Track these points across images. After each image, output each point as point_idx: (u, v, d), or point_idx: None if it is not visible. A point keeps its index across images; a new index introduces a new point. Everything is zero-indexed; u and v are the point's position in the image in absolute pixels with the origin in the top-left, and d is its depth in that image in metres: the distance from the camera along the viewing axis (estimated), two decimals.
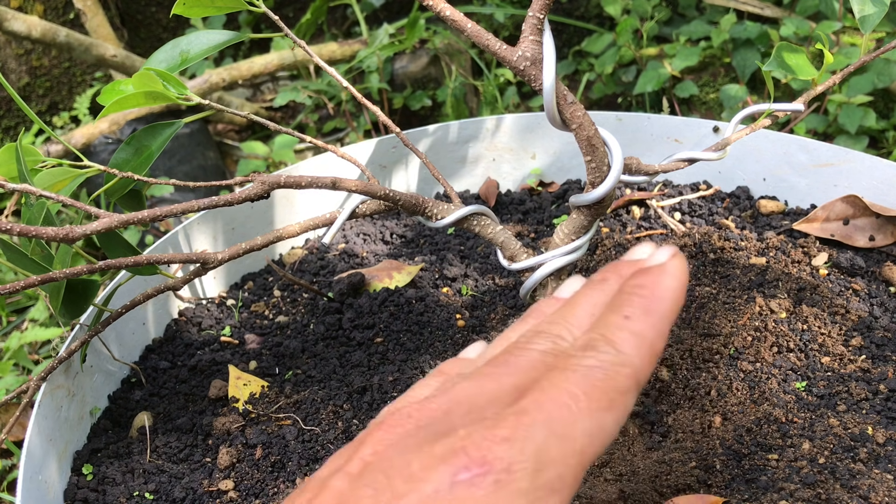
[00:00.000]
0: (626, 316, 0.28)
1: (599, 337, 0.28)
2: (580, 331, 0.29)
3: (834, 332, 0.66)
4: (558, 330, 0.30)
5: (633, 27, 1.53)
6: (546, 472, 0.24)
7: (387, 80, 1.66)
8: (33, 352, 1.21)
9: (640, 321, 0.28)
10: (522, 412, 0.25)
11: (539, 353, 0.29)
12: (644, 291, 0.29)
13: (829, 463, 0.53)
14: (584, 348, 0.27)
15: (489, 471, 0.24)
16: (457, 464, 0.24)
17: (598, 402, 0.26)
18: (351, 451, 0.27)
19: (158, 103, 0.59)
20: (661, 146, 0.93)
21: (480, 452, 0.24)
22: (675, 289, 0.29)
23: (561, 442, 0.25)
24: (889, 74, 1.25)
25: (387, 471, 0.25)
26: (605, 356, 0.27)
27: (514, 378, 0.28)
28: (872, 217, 0.77)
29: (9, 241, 0.58)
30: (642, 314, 0.28)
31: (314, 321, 0.77)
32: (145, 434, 0.65)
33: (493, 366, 0.29)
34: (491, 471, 0.24)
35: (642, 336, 0.27)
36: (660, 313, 0.28)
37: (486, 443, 0.25)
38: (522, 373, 0.28)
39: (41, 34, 1.54)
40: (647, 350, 0.27)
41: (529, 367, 0.28)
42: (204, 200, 0.50)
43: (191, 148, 1.63)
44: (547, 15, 0.45)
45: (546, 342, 0.29)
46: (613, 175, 0.49)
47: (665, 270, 0.29)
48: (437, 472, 0.24)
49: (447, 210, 0.55)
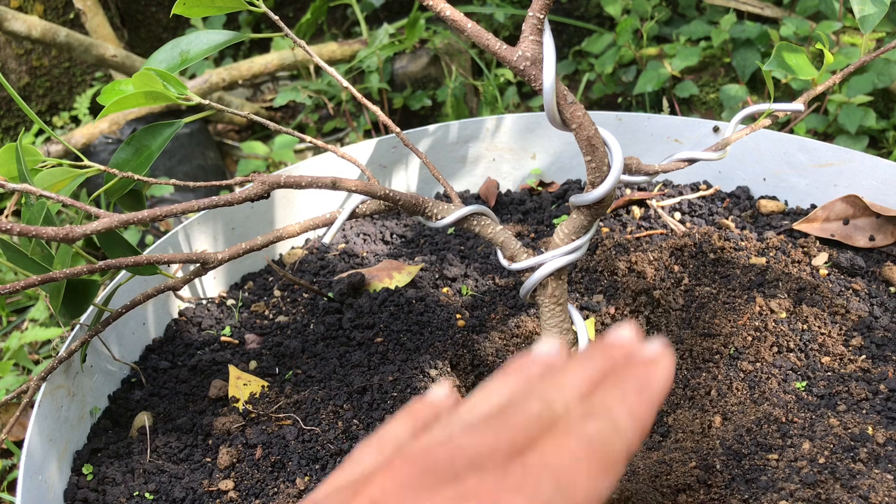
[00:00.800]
0: (624, 394, 0.31)
1: (599, 408, 0.30)
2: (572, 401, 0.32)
3: (834, 332, 0.66)
4: (552, 396, 0.32)
5: (633, 27, 1.53)
6: None
7: (387, 80, 1.66)
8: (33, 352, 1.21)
9: (636, 401, 0.31)
10: (529, 466, 0.27)
11: (535, 415, 0.31)
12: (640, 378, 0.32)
13: (829, 463, 0.53)
14: (585, 417, 0.30)
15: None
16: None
17: (597, 466, 0.28)
18: (357, 487, 0.28)
19: (158, 103, 0.59)
20: (661, 146, 0.92)
21: (493, 499, 0.26)
22: (666, 379, 0.32)
23: (564, 499, 0.26)
24: (889, 74, 1.25)
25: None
26: (605, 427, 0.29)
27: (511, 435, 0.29)
28: (872, 217, 0.77)
29: (9, 241, 0.58)
30: (638, 396, 0.31)
31: (314, 321, 0.77)
32: (145, 434, 0.65)
33: (488, 419, 0.31)
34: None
35: (637, 414, 0.30)
36: (651, 397, 0.31)
37: (496, 491, 0.26)
38: (518, 431, 0.30)
39: (41, 34, 1.54)
40: (640, 428, 0.30)
41: (525, 426, 0.30)
42: (204, 200, 0.50)
43: (191, 148, 1.63)
44: (547, 15, 0.45)
45: (541, 406, 0.31)
46: (613, 175, 0.49)
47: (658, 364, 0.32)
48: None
49: (447, 210, 0.55)
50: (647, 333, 0.71)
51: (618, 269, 0.77)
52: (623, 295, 0.74)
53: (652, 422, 0.31)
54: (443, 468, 0.28)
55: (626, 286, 0.74)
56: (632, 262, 0.77)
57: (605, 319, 0.73)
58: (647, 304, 0.73)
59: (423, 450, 0.29)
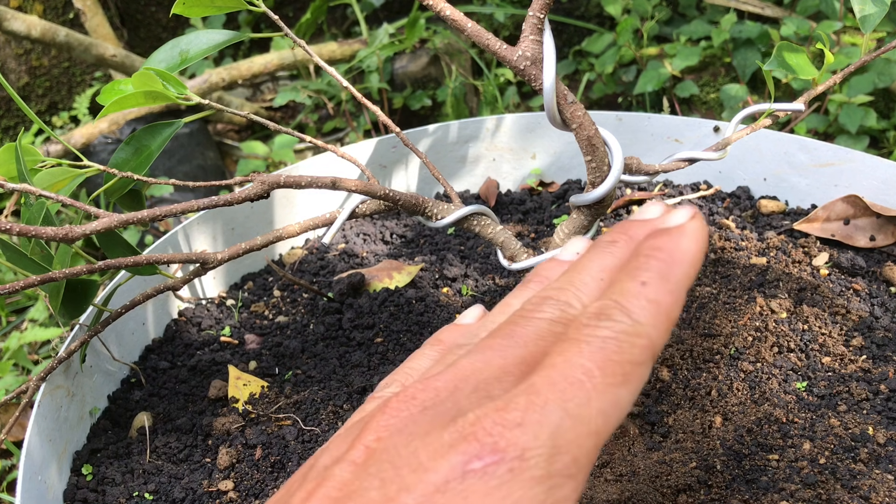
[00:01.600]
0: (643, 282, 0.26)
1: (613, 304, 0.26)
2: (589, 298, 0.27)
3: (835, 333, 0.66)
4: (566, 296, 0.28)
5: (634, 27, 1.53)
6: (561, 456, 0.23)
7: (387, 80, 1.66)
8: (33, 352, 1.21)
9: (657, 288, 0.26)
10: (534, 391, 0.24)
11: (546, 323, 0.27)
12: (662, 255, 0.26)
13: (829, 463, 0.53)
14: (596, 317, 0.25)
15: (502, 459, 0.22)
16: (468, 451, 0.23)
17: (613, 376, 0.24)
18: (353, 438, 0.26)
19: (158, 103, 0.59)
20: (662, 146, 0.92)
21: (492, 438, 0.23)
22: (695, 252, 0.27)
23: (576, 423, 0.23)
24: (890, 74, 1.25)
25: (393, 460, 0.24)
26: (620, 325, 0.25)
27: (521, 350, 0.26)
28: (873, 217, 0.77)
29: (8, 241, 0.58)
30: (659, 280, 0.26)
31: (314, 321, 0.77)
32: (145, 434, 0.65)
33: (497, 337, 0.27)
34: (504, 458, 0.22)
35: (659, 304, 0.25)
36: (678, 279, 0.26)
37: (497, 428, 0.23)
38: (530, 344, 0.26)
39: (41, 34, 1.54)
40: (664, 319, 0.25)
41: (536, 337, 0.26)
42: (204, 200, 0.50)
43: (190, 148, 1.63)
44: (547, 15, 0.45)
45: (553, 310, 0.27)
46: (614, 175, 0.49)
47: (684, 232, 0.27)
48: (447, 461, 0.23)
49: (447, 210, 0.54)
50: None
51: None
52: None
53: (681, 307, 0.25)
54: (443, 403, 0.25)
55: None
56: None
57: None
58: None
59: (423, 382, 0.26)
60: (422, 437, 0.24)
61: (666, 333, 0.25)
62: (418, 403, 0.25)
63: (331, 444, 0.27)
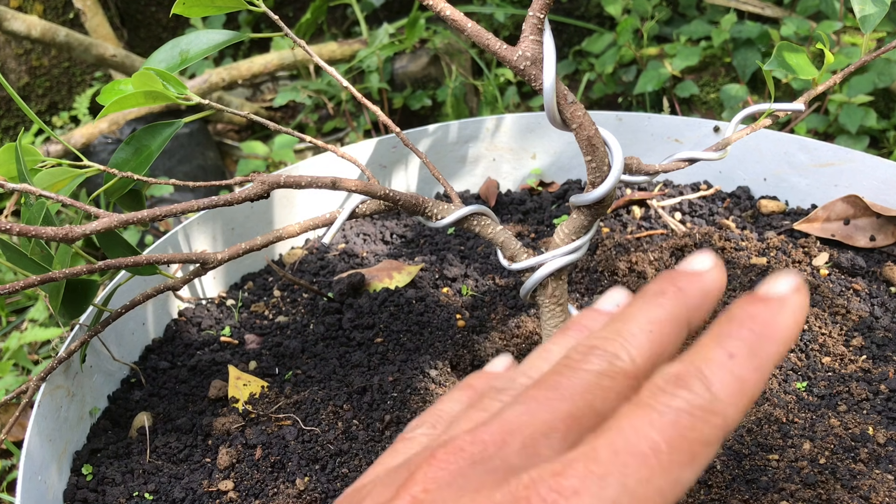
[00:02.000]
0: (731, 353, 0.24)
1: (695, 372, 0.23)
2: (638, 351, 0.26)
3: (835, 333, 0.66)
4: (614, 347, 0.26)
5: (634, 27, 1.53)
6: None
7: (387, 80, 1.66)
8: (33, 352, 1.21)
9: (744, 362, 0.23)
10: (593, 459, 0.22)
11: (594, 375, 0.25)
12: (756, 326, 0.24)
13: (829, 463, 0.53)
14: (674, 382, 0.23)
15: None
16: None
17: (680, 454, 0.22)
18: (397, 486, 0.25)
19: (158, 103, 0.59)
20: (662, 146, 0.92)
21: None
22: (793, 330, 0.24)
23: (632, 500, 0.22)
24: (890, 74, 1.25)
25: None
26: (698, 399, 0.23)
27: (568, 405, 0.25)
28: (873, 217, 0.77)
29: (8, 241, 0.58)
30: (749, 354, 0.24)
31: (314, 321, 0.77)
32: (145, 434, 0.65)
33: (542, 388, 0.26)
34: None
35: (744, 381, 0.23)
36: (768, 356, 0.24)
37: (552, 495, 0.22)
38: (577, 398, 0.25)
39: (41, 34, 1.54)
40: (745, 399, 0.23)
41: (583, 390, 0.25)
42: (204, 200, 0.50)
43: (190, 148, 1.63)
44: (547, 15, 0.45)
45: (601, 361, 0.26)
46: (614, 175, 0.49)
47: (785, 305, 0.25)
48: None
49: (447, 210, 0.54)
50: None
51: (618, 269, 0.77)
52: None
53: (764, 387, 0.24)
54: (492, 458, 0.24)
55: (626, 286, 0.74)
56: (632, 262, 0.77)
57: None
58: None
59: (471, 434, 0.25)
60: (472, 493, 0.23)
61: (742, 415, 0.24)
62: (467, 456, 0.24)
63: (372, 489, 0.26)
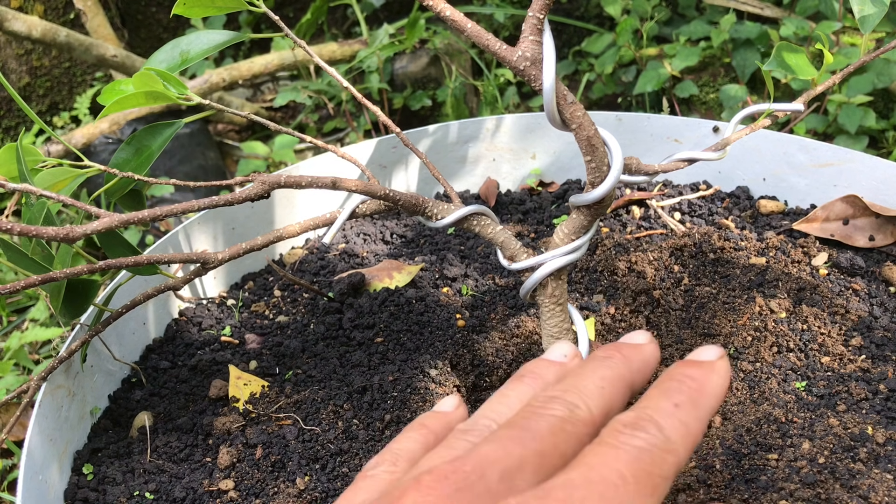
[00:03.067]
0: (676, 404, 0.28)
1: (648, 418, 0.27)
2: (594, 402, 0.30)
3: (834, 332, 0.66)
4: (572, 398, 0.29)
5: (633, 27, 1.53)
6: None
7: (387, 80, 1.66)
8: (34, 352, 1.21)
9: (688, 411, 0.28)
10: (572, 486, 0.25)
11: (557, 420, 0.28)
12: (693, 384, 0.29)
13: (828, 463, 0.53)
14: (632, 426, 0.27)
15: None
16: None
17: (644, 486, 0.25)
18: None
19: (159, 103, 0.59)
20: (661, 146, 0.93)
21: None
22: (723, 388, 0.29)
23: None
24: (889, 74, 1.25)
25: None
26: (654, 439, 0.27)
27: (538, 444, 0.27)
28: (872, 217, 0.77)
29: (9, 241, 0.58)
30: (691, 405, 0.28)
31: (314, 321, 0.77)
32: (145, 434, 0.65)
33: (513, 428, 0.29)
34: None
35: (688, 426, 0.28)
36: (706, 408, 0.28)
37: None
38: (546, 438, 0.28)
39: (41, 34, 1.54)
40: (691, 441, 0.28)
41: (549, 432, 0.28)
42: (204, 200, 0.50)
43: (191, 148, 1.63)
44: (547, 15, 0.45)
45: (563, 409, 0.29)
46: (613, 175, 0.49)
47: (715, 369, 0.30)
48: None
49: (447, 210, 0.55)
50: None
51: (618, 269, 0.77)
52: (623, 295, 0.74)
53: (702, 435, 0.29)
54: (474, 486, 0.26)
55: (626, 286, 0.74)
56: (632, 262, 0.77)
57: (605, 319, 0.73)
58: (647, 304, 0.73)
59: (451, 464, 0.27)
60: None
61: (689, 455, 0.27)
62: (451, 483, 0.26)
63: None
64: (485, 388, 0.69)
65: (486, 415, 0.32)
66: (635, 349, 0.32)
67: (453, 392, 0.66)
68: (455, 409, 0.36)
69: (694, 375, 0.29)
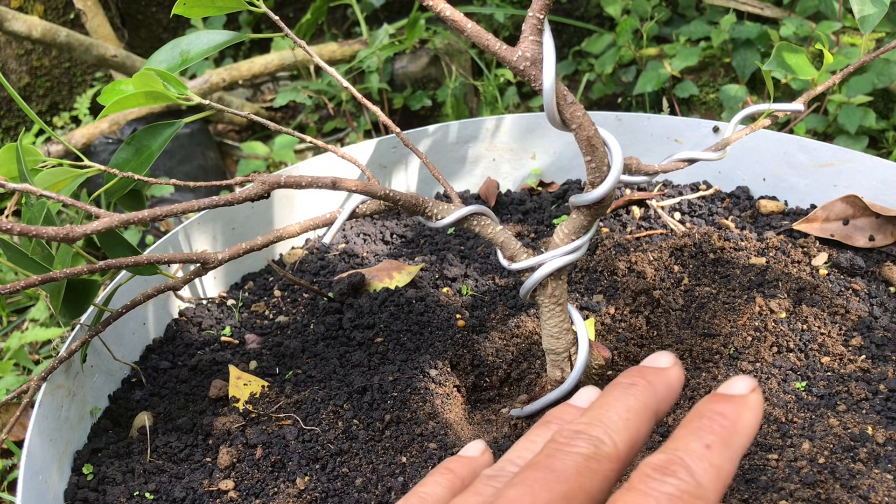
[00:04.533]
0: (708, 445, 0.27)
1: (678, 461, 0.26)
2: (619, 435, 0.29)
3: (834, 332, 0.66)
4: (597, 432, 0.29)
5: (633, 27, 1.53)
6: None
7: (387, 81, 1.66)
8: (34, 352, 1.21)
9: (720, 453, 0.27)
10: None
11: (582, 458, 0.28)
12: (725, 421, 0.28)
13: (828, 463, 0.53)
14: (662, 470, 0.26)
15: None
16: None
17: None
18: None
19: (159, 103, 0.59)
20: (661, 146, 0.93)
21: None
22: (755, 425, 0.28)
23: None
24: (889, 74, 1.25)
25: None
26: (685, 485, 0.26)
27: (563, 486, 0.27)
28: (872, 217, 0.77)
29: (9, 241, 0.58)
30: (722, 445, 0.27)
31: (314, 321, 0.77)
32: (145, 434, 0.65)
33: (537, 470, 0.28)
34: None
35: (720, 469, 0.27)
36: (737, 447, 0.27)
37: None
38: (571, 479, 0.27)
39: (41, 34, 1.54)
40: (722, 485, 0.27)
41: (575, 472, 0.27)
42: (204, 200, 0.50)
43: (191, 148, 1.63)
44: (547, 15, 0.45)
45: (588, 445, 0.28)
46: (613, 175, 0.49)
47: (747, 404, 0.29)
48: None
49: (447, 210, 0.55)
50: (646, 333, 0.71)
51: (618, 269, 0.77)
52: (623, 295, 0.74)
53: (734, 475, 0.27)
54: None
55: (626, 286, 0.74)
56: (632, 262, 0.77)
57: (605, 319, 0.73)
58: (647, 304, 0.73)
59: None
60: None
61: (720, 499, 0.26)
62: None
63: None
64: (485, 388, 0.69)
65: (511, 460, 0.32)
66: (659, 374, 0.31)
67: (453, 391, 0.67)
68: (481, 455, 0.35)
69: (725, 412, 0.28)
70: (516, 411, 0.62)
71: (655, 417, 0.30)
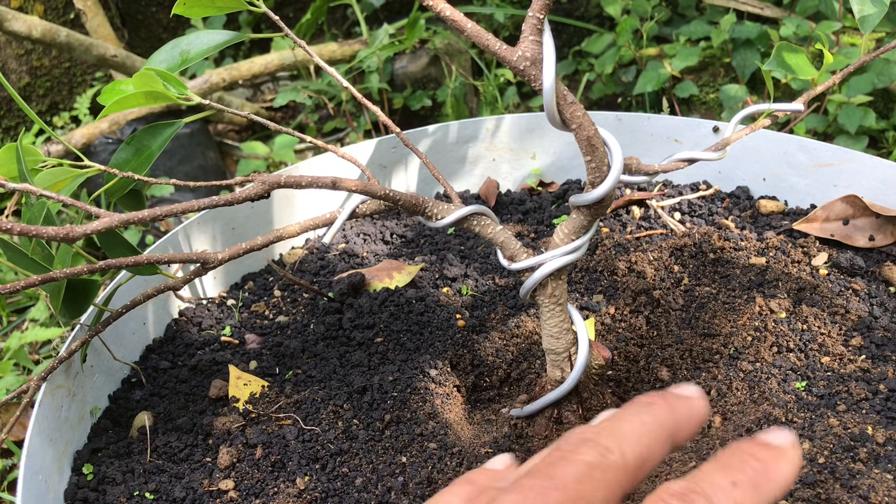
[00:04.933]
0: (734, 482, 0.25)
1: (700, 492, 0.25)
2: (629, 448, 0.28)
3: (834, 332, 0.66)
4: (606, 441, 0.27)
5: (633, 27, 1.53)
6: None
7: (387, 80, 1.66)
8: (34, 352, 1.21)
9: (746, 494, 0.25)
10: None
11: (585, 466, 0.26)
12: (759, 465, 0.26)
13: (828, 463, 0.53)
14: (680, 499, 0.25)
15: None
16: None
17: None
18: None
19: (159, 103, 0.59)
20: (661, 146, 0.93)
21: None
22: (790, 479, 0.26)
23: None
24: (889, 74, 1.25)
25: None
26: None
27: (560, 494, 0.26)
28: (872, 217, 0.77)
29: (9, 241, 0.58)
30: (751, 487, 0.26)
31: (314, 321, 0.77)
32: (145, 434, 0.65)
33: (536, 477, 0.27)
34: None
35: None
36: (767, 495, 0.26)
37: None
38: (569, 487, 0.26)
39: (41, 34, 1.54)
40: None
41: (575, 480, 0.26)
42: (204, 200, 0.50)
43: (191, 148, 1.63)
44: (547, 15, 0.45)
45: (593, 453, 0.27)
46: (613, 175, 0.49)
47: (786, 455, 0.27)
48: None
49: (447, 210, 0.55)
50: (646, 333, 0.71)
51: (618, 269, 0.77)
52: (623, 295, 0.74)
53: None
54: None
55: (626, 286, 0.74)
56: (632, 262, 0.77)
57: (605, 319, 0.73)
58: (647, 304, 0.73)
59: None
60: None
61: None
62: None
63: None
64: (485, 388, 0.69)
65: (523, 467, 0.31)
66: (681, 400, 0.30)
67: (453, 391, 0.67)
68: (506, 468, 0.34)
69: (760, 456, 0.27)
70: (516, 411, 0.62)
71: (671, 441, 0.29)
